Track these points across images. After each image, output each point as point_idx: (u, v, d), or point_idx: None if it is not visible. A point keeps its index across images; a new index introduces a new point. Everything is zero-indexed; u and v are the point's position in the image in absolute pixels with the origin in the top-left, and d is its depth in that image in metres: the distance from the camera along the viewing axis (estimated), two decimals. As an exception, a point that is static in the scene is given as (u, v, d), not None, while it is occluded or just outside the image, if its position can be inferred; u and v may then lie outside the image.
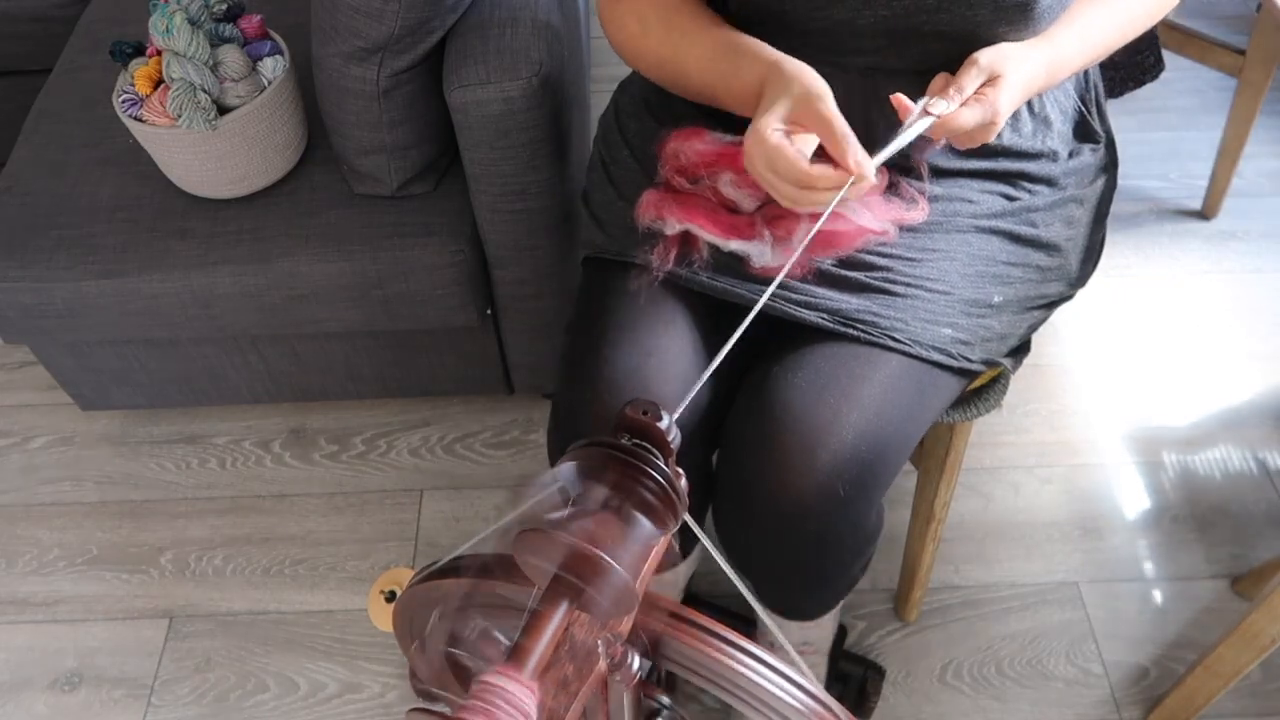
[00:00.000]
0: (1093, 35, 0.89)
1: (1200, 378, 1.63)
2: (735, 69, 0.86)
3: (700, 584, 1.36)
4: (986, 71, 0.82)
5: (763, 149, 0.79)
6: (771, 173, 0.79)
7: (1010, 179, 0.95)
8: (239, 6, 1.28)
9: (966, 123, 0.81)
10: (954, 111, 0.81)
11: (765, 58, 0.84)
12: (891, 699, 1.33)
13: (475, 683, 0.54)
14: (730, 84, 0.87)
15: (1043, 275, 0.96)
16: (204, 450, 1.63)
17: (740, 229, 0.88)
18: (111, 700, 1.37)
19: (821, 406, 0.85)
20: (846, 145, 0.77)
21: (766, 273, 0.89)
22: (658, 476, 0.58)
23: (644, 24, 0.92)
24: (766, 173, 0.80)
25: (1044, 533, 1.47)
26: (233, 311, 1.35)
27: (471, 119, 1.18)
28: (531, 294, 1.39)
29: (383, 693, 1.37)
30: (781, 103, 0.79)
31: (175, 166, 1.30)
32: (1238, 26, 2.14)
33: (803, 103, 0.79)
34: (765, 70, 0.83)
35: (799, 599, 1.05)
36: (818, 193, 0.78)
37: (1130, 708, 1.31)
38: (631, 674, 0.63)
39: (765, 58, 0.84)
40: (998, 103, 0.81)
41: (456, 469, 1.59)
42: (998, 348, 0.95)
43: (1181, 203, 1.88)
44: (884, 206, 0.89)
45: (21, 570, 1.51)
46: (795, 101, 0.79)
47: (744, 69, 0.85)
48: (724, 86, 0.88)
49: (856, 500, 0.87)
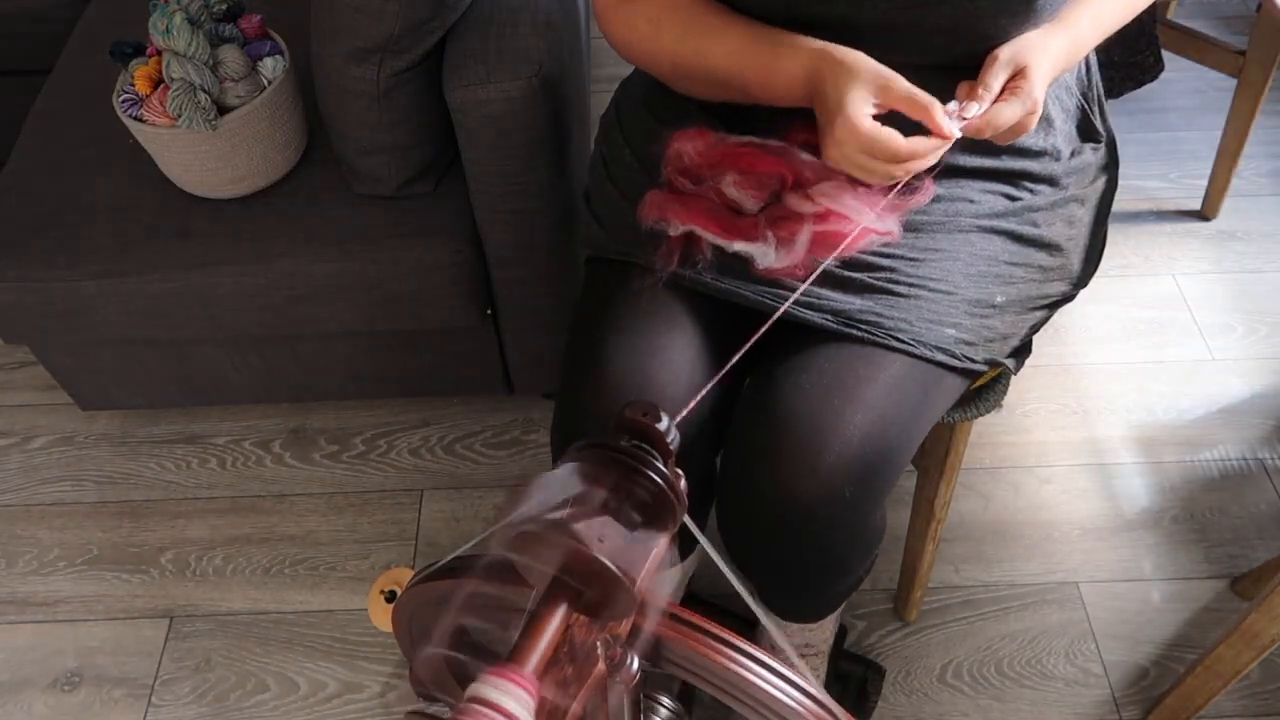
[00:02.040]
0: (1105, 13, 0.91)
1: (1200, 378, 1.63)
2: (774, 57, 0.86)
3: (700, 584, 1.36)
4: (1010, 65, 0.84)
5: (858, 137, 0.80)
6: (866, 155, 0.80)
7: (1012, 178, 0.95)
8: (239, 6, 1.28)
9: (1008, 119, 0.83)
10: (996, 109, 0.82)
11: (809, 46, 0.84)
12: (891, 699, 1.33)
13: (468, 693, 0.54)
14: (767, 73, 0.87)
15: (1045, 275, 0.96)
16: (204, 450, 1.63)
17: (744, 230, 0.88)
18: (111, 700, 1.37)
19: (825, 408, 0.85)
20: (934, 109, 0.79)
21: (770, 274, 0.88)
22: (656, 478, 0.58)
23: (656, 25, 0.92)
24: (859, 156, 0.81)
25: (1044, 533, 1.47)
26: (233, 311, 1.35)
27: (471, 119, 1.18)
28: (531, 294, 1.39)
29: (383, 693, 1.37)
30: (861, 89, 0.80)
31: (175, 166, 1.30)
32: (1238, 26, 2.14)
33: (883, 87, 0.80)
34: (812, 58, 0.84)
35: (802, 601, 1.05)
36: (910, 163, 0.81)
37: (1130, 708, 1.31)
38: (631, 675, 0.63)
39: (809, 46, 0.84)
40: (1034, 92, 0.83)
41: (456, 469, 1.59)
42: (1000, 348, 0.95)
43: (1181, 203, 1.88)
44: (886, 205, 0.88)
45: (21, 570, 1.51)
46: (875, 87, 0.80)
47: (785, 57, 0.85)
48: (757, 77, 0.88)
49: (861, 502, 0.87)
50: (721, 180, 0.89)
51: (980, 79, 0.83)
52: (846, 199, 0.86)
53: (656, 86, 1.00)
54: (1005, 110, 0.83)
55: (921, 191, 0.90)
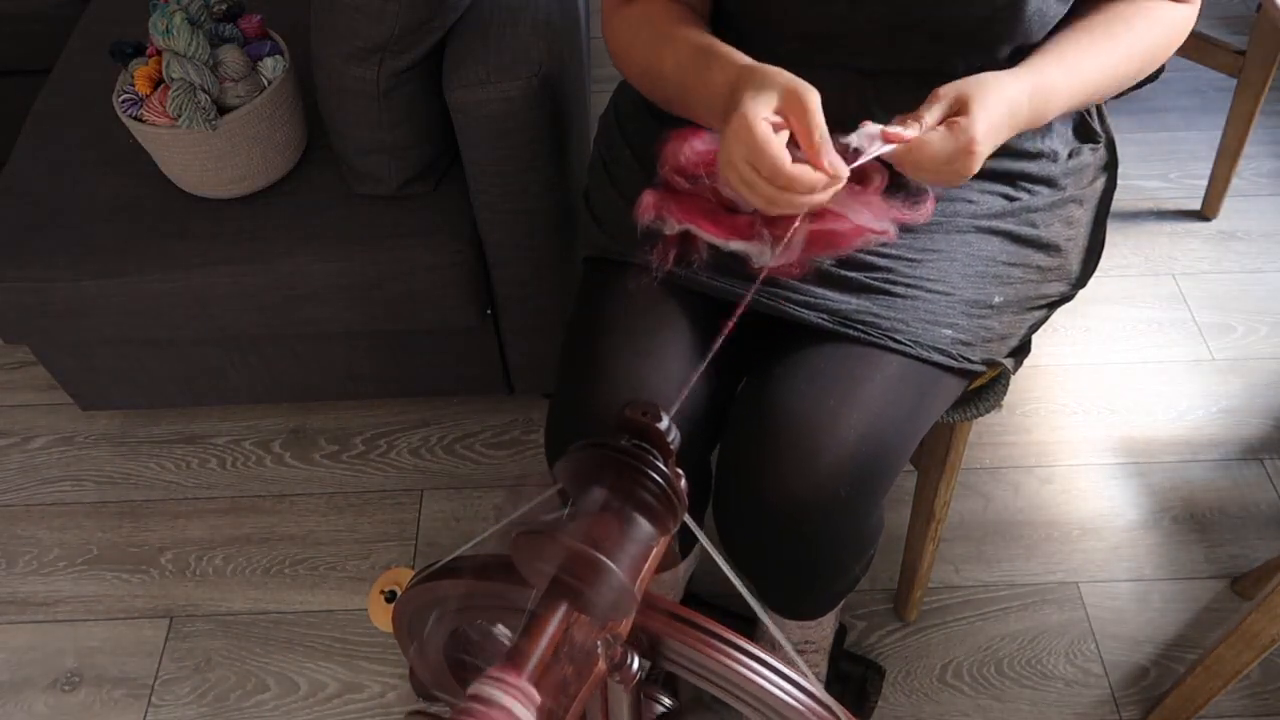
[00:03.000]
0: (1083, 67, 0.86)
1: (1200, 378, 1.63)
2: (706, 70, 0.83)
3: (700, 584, 1.36)
4: (948, 100, 0.79)
5: (746, 136, 0.74)
6: (750, 167, 0.76)
7: (1010, 179, 0.95)
8: (239, 6, 1.28)
9: (933, 152, 0.77)
10: (921, 137, 0.77)
11: (737, 61, 0.82)
12: (891, 699, 1.33)
13: (468, 693, 0.54)
14: (699, 88, 0.84)
15: (1043, 275, 0.96)
16: (204, 450, 1.63)
17: (740, 229, 0.88)
18: (111, 700, 1.37)
19: (822, 408, 0.85)
20: (823, 146, 0.75)
21: (770, 273, 0.88)
22: (657, 478, 0.58)
23: (631, 31, 0.92)
24: (743, 165, 0.76)
25: (1044, 533, 1.47)
26: (233, 311, 1.35)
27: (471, 119, 1.18)
28: (531, 294, 1.39)
29: (383, 693, 1.37)
30: (769, 93, 0.76)
31: (175, 166, 1.30)
32: (1238, 26, 2.14)
33: (792, 96, 0.76)
34: (737, 73, 0.80)
35: (799, 599, 1.05)
36: (793, 195, 0.75)
37: (1130, 708, 1.31)
38: (631, 675, 0.63)
39: (737, 61, 0.82)
40: (972, 130, 0.77)
41: (456, 469, 1.59)
42: (998, 348, 0.95)
43: (1181, 203, 1.88)
44: (884, 206, 0.88)
45: (21, 570, 1.51)
46: (785, 94, 0.76)
47: (714, 71, 0.83)
48: (694, 91, 0.85)
49: (857, 502, 0.87)
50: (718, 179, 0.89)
51: (916, 112, 0.79)
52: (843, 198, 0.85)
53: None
54: (932, 144, 0.77)
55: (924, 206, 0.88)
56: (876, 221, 0.87)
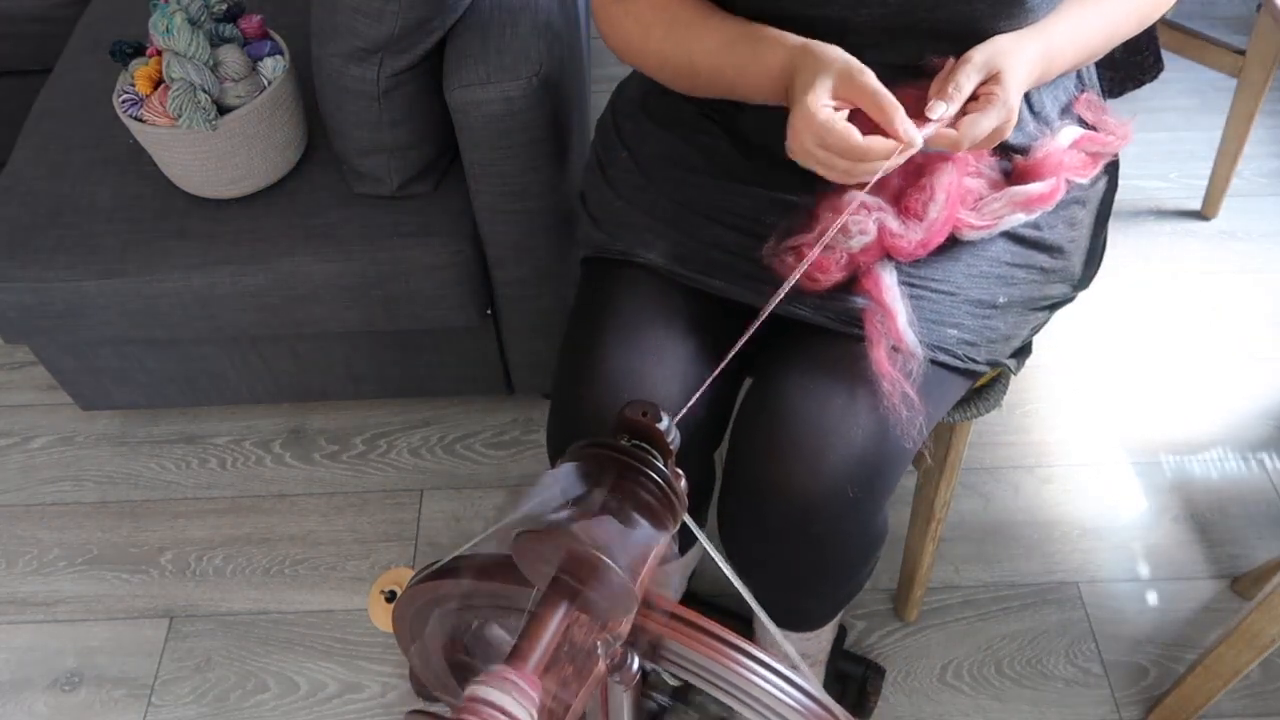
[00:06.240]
0: (1085, 28, 0.89)
1: (1200, 378, 1.63)
2: (754, 54, 0.85)
3: (700, 584, 1.36)
4: (983, 68, 0.81)
5: (812, 126, 0.78)
6: (822, 148, 0.79)
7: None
8: (239, 6, 1.28)
9: (985, 129, 0.81)
10: (972, 119, 0.80)
11: (790, 42, 0.84)
12: (891, 699, 1.33)
13: (468, 693, 0.54)
14: (748, 70, 0.86)
15: (1046, 277, 0.96)
16: (204, 450, 1.63)
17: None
18: (111, 700, 1.37)
19: (828, 409, 0.85)
20: (895, 114, 0.77)
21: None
22: (657, 478, 0.58)
23: (643, 25, 0.92)
24: (816, 149, 0.79)
25: (1044, 533, 1.47)
26: (233, 311, 1.35)
27: (471, 119, 1.18)
28: (531, 294, 1.39)
29: (383, 693, 1.37)
30: (824, 79, 0.79)
31: (175, 166, 1.30)
32: (1238, 26, 2.14)
33: (845, 78, 0.79)
34: (790, 53, 0.83)
35: (803, 604, 1.05)
36: (870, 164, 0.78)
37: (1130, 708, 1.31)
38: (631, 675, 0.63)
39: (790, 42, 0.84)
40: (1010, 99, 0.81)
41: (456, 469, 1.59)
42: (1002, 349, 0.95)
43: (1181, 203, 1.88)
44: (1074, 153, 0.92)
45: (21, 570, 1.51)
46: (838, 77, 0.79)
47: (765, 53, 0.85)
48: (740, 74, 0.87)
49: (865, 502, 0.87)
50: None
51: (952, 77, 0.81)
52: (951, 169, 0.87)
53: (653, 88, 1.00)
54: (982, 121, 0.80)
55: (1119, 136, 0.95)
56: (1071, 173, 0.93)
